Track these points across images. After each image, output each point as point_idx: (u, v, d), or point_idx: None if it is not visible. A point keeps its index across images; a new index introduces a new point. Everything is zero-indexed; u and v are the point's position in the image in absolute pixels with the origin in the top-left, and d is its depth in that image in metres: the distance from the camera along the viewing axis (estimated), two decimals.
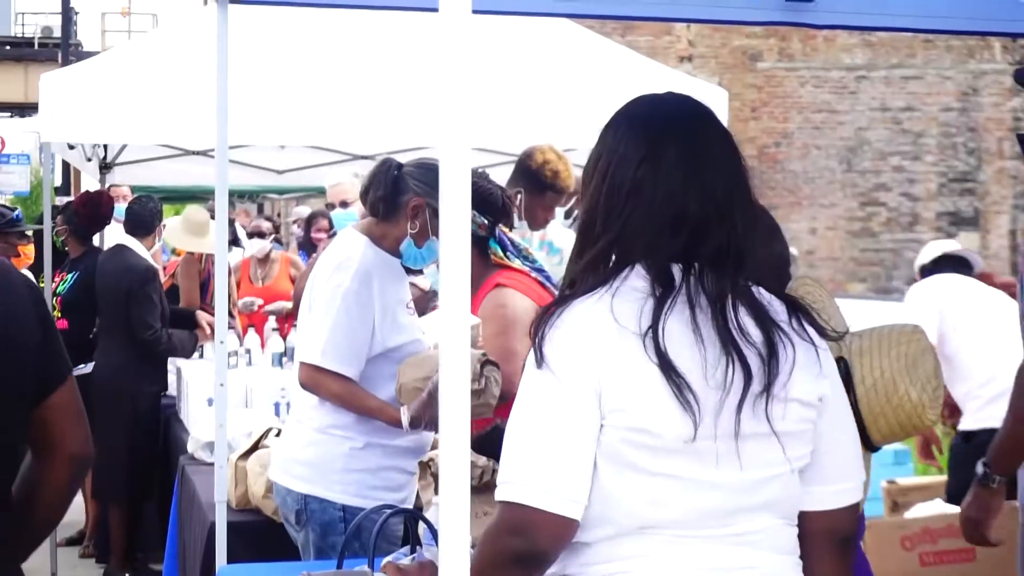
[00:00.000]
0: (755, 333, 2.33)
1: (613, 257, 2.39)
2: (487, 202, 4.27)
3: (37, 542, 3.01)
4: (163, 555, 6.01)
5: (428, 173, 4.26)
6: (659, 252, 2.35)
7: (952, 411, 6.61)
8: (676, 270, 2.35)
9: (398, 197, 4.25)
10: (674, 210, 2.36)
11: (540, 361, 2.30)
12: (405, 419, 4.12)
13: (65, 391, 2.88)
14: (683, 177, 2.37)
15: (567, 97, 7.48)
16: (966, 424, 6.44)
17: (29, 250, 7.80)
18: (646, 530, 2.30)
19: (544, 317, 2.34)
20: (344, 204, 7.44)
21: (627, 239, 2.38)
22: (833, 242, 21.13)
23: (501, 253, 4.33)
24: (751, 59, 21.12)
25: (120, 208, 9.26)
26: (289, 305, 8.86)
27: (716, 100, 8.43)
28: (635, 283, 2.34)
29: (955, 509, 5.86)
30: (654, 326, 2.27)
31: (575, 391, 2.27)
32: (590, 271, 2.40)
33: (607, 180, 2.42)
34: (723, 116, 8.35)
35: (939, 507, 6.00)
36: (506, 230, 4.39)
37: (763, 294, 2.40)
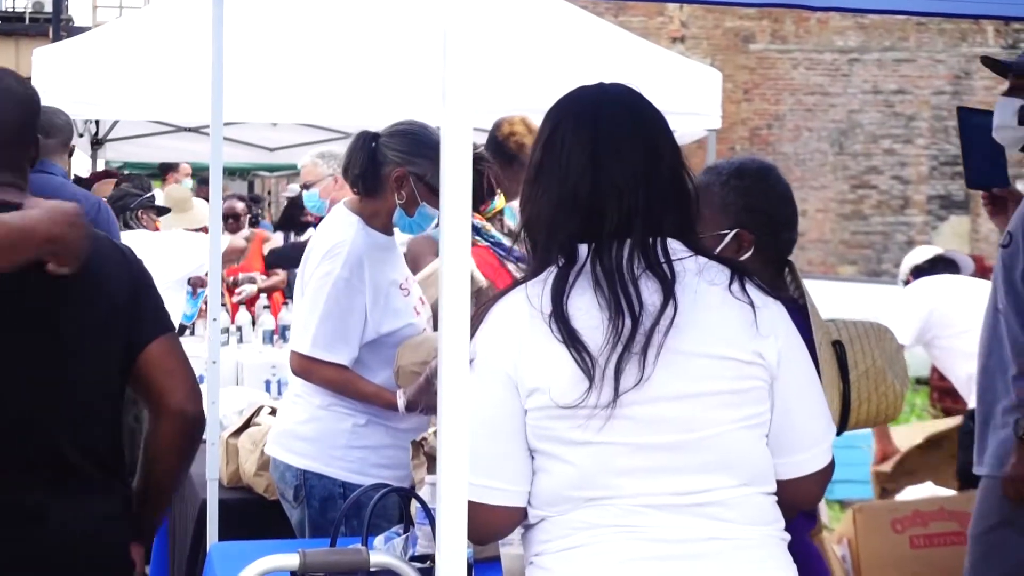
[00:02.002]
0: (655, 299, 2.35)
1: (530, 242, 2.48)
2: None
3: (160, 507, 3.18)
4: None
5: (404, 139, 4.21)
6: (559, 231, 2.42)
7: (954, 399, 6.80)
8: (582, 247, 2.41)
9: (379, 170, 4.21)
10: (567, 192, 2.43)
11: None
12: (401, 403, 4.11)
13: (159, 346, 3.02)
14: (578, 160, 2.44)
15: (559, 78, 7.45)
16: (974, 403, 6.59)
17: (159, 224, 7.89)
18: (597, 501, 2.33)
19: (477, 314, 2.40)
20: (306, 186, 7.43)
21: (532, 224, 2.48)
22: (824, 224, 21.13)
23: None
24: (744, 40, 21.09)
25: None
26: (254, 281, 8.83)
27: (709, 81, 8.43)
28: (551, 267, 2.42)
29: (946, 492, 5.91)
30: (556, 301, 2.34)
31: (493, 382, 2.34)
32: (529, 259, 2.49)
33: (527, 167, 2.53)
34: (716, 97, 8.36)
35: (930, 490, 6.02)
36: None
37: (698, 260, 2.44)
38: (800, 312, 3.14)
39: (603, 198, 2.41)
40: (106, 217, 5.41)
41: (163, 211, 7.68)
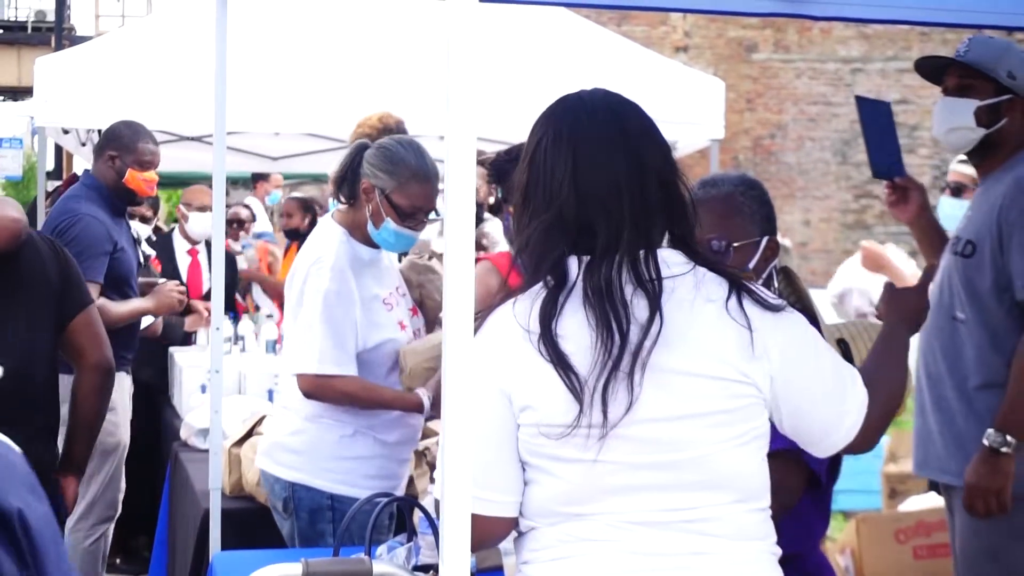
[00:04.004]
0: (645, 317, 2.30)
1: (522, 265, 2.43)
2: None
3: (85, 442, 4.29)
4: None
5: (377, 152, 4.21)
6: (551, 252, 2.36)
7: None
8: (573, 262, 2.36)
9: (356, 180, 4.22)
10: (554, 214, 2.37)
11: None
12: (427, 401, 4.09)
13: (83, 317, 4.18)
14: (560, 178, 2.38)
15: (562, 87, 7.45)
16: None
17: None
18: (585, 516, 2.33)
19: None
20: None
21: (525, 249, 2.41)
22: (827, 234, 21.12)
23: None
24: (746, 50, 21.09)
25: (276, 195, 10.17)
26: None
27: (712, 91, 8.43)
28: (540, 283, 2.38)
29: None
30: (544, 321, 2.31)
31: (485, 395, 2.32)
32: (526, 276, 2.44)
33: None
34: (719, 107, 8.36)
35: (933, 500, 6.00)
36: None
37: (696, 273, 2.37)
38: (805, 315, 3.16)
39: (590, 215, 2.35)
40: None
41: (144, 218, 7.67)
